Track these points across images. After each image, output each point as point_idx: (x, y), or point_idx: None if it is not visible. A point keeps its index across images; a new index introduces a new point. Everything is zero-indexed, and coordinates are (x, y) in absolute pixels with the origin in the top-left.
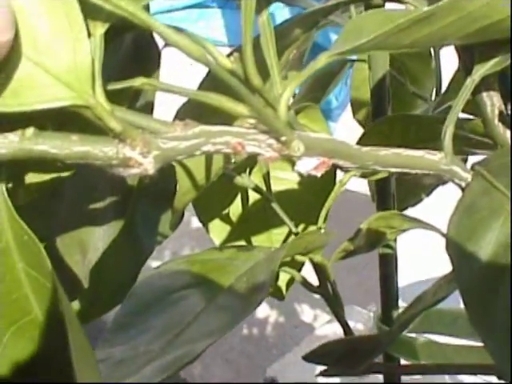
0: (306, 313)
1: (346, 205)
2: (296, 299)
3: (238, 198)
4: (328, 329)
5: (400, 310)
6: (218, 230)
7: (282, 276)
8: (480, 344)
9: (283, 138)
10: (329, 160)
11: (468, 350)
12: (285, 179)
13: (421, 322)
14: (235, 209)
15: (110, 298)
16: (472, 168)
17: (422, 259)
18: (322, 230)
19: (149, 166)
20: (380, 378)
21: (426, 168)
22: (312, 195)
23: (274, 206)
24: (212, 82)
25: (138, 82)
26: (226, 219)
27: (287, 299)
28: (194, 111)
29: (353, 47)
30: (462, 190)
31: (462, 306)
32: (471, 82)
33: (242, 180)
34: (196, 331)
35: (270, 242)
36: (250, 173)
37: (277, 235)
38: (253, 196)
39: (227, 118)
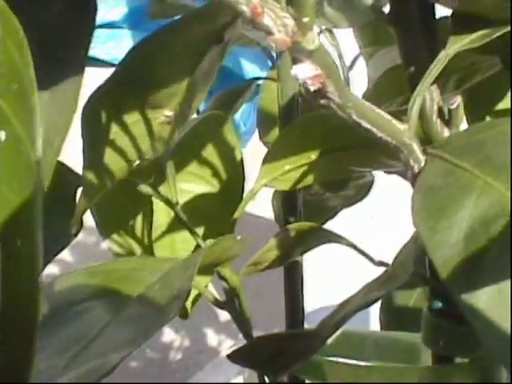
0: (211, 338)
1: (249, 230)
2: (201, 324)
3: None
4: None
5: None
6: (119, 244)
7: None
8: (393, 365)
9: (305, 19)
10: (324, 77)
11: (381, 370)
12: (190, 191)
13: (330, 345)
14: (138, 222)
15: None
16: (425, 152)
17: (328, 285)
18: (239, 237)
19: None
20: None
21: (391, 134)
22: (219, 208)
23: (181, 216)
24: None
25: None
26: (129, 233)
27: (192, 324)
28: None
29: None
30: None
31: (370, 327)
32: (445, 55)
33: (145, 188)
34: (104, 344)
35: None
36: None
37: (182, 250)
38: (157, 209)
39: None
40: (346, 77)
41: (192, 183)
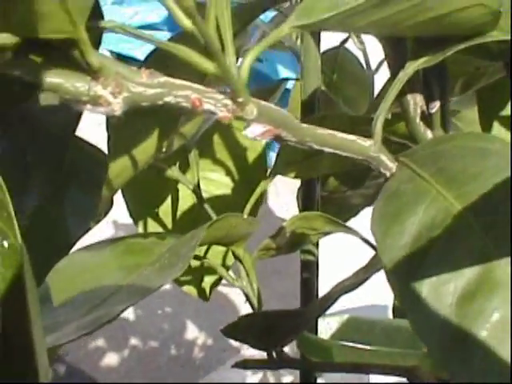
0: None
1: (269, 230)
2: (225, 323)
3: (169, 199)
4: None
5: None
6: (149, 229)
7: (207, 278)
8: (396, 350)
9: (240, 99)
10: (275, 129)
11: (384, 354)
12: (214, 180)
13: (338, 330)
14: (166, 208)
15: None
16: (397, 159)
17: (343, 268)
18: (245, 216)
19: (116, 106)
20: None
21: (357, 153)
22: (242, 198)
23: (203, 202)
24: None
25: (108, 24)
26: (157, 218)
27: (216, 322)
28: (159, 62)
29: (313, 22)
30: (386, 180)
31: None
32: (404, 75)
33: (171, 172)
34: (117, 300)
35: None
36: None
37: None
38: (183, 197)
39: (188, 78)
40: (371, 81)
41: (216, 173)
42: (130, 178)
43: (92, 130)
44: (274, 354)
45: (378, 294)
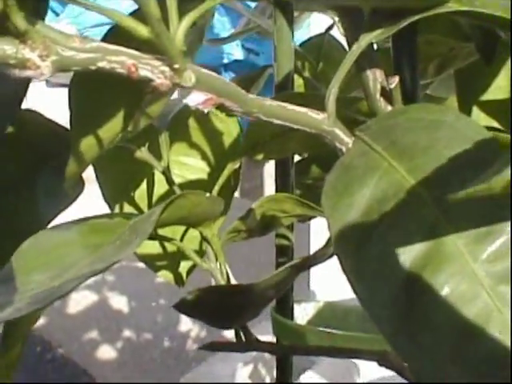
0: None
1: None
2: None
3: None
4: (262, 330)
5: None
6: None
7: (183, 263)
8: (369, 335)
9: (176, 66)
10: (217, 98)
11: (357, 339)
12: (190, 165)
13: (314, 316)
14: (142, 192)
15: None
16: (354, 134)
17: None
18: (208, 194)
19: (45, 69)
20: None
21: (309, 126)
22: (213, 183)
23: (176, 189)
24: None
25: None
26: (133, 202)
27: None
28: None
29: None
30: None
31: (354, 301)
32: (357, 47)
33: (140, 154)
34: (71, 275)
35: (173, 233)
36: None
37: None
38: (159, 181)
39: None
40: None
41: (191, 157)
42: (104, 161)
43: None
44: (243, 337)
45: None
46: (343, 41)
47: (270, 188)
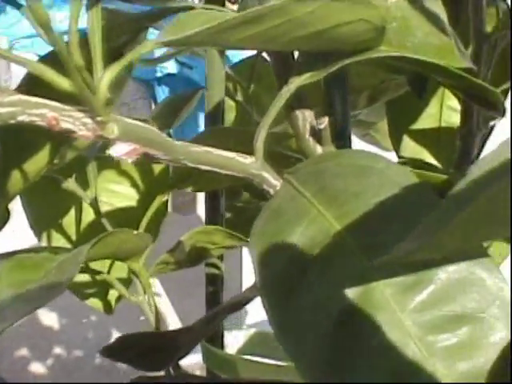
0: None
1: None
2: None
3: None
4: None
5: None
6: (53, 241)
7: (112, 291)
8: (288, 364)
9: (99, 119)
10: (141, 148)
11: (289, 369)
12: (119, 193)
13: (244, 344)
14: (70, 220)
15: None
16: (282, 176)
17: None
18: (135, 232)
19: None
20: None
21: (237, 170)
22: (146, 211)
23: (103, 219)
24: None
25: None
26: (61, 230)
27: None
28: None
29: (180, 38)
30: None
31: None
32: (286, 91)
33: (68, 184)
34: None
35: (102, 263)
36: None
37: None
38: (86, 208)
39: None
40: None
41: (121, 184)
42: (31, 190)
43: None
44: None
45: None
46: None
47: (202, 204)
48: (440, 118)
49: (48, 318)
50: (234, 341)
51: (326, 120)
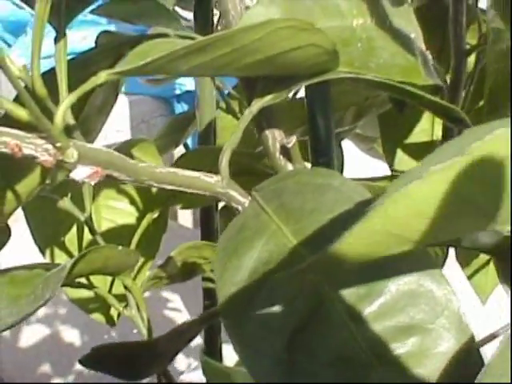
0: (179, 360)
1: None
2: None
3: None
4: (196, 375)
5: (224, 343)
6: (55, 258)
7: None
8: None
9: (58, 144)
10: (103, 170)
11: None
12: (120, 209)
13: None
14: (72, 237)
15: None
16: (250, 193)
17: None
18: (120, 248)
19: None
20: None
21: (203, 189)
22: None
23: (98, 238)
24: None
25: None
26: (63, 247)
27: None
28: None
29: (134, 67)
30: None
31: None
32: (249, 112)
33: (63, 203)
34: None
35: (103, 279)
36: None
37: None
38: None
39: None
40: None
41: (121, 202)
42: (32, 208)
43: None
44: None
45: None
46: None
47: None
48: (432, 132)
49: (70, 335)
50: (232, 353)
51: (293, 138)
